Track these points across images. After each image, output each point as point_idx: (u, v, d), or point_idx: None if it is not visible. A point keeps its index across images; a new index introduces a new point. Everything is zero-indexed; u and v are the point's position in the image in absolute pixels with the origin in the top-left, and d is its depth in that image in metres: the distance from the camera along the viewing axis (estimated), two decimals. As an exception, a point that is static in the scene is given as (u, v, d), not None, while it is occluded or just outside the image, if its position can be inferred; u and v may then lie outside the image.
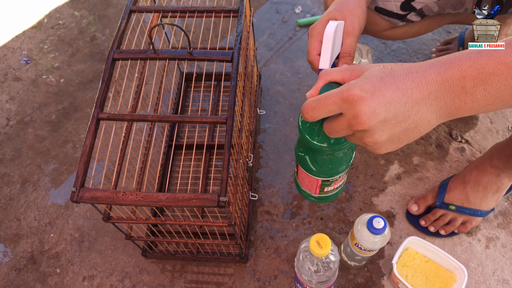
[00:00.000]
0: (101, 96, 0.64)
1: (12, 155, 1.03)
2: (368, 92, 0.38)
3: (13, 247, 0.89)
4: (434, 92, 0.38)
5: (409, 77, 0.39)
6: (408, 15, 0.78)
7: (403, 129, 0.39)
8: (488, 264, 0.81)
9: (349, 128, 0.40)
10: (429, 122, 0.40)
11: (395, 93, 0.38)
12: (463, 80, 0.37)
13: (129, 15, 0.74)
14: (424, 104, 0.38)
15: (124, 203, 0.56)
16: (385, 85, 0.38)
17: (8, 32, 1.28)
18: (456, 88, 0.38)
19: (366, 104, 0.37)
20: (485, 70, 0.37)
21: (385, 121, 0.38)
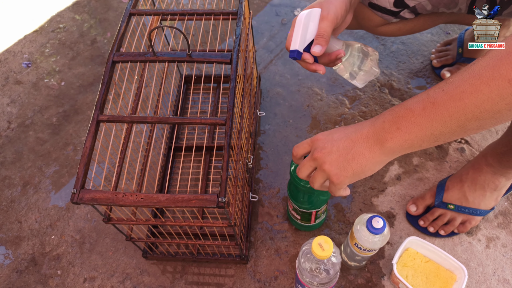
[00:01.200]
0: (101, 98, 0.64)
1: (13, 157, 1.03)
2: (324, 135, 0.57)
3: (14, 249, 0.90)
4: (364, 134, 0.53)
5: (353, 127, 0.55)
6: (401, 12, 0.79)
7: (345, 159, 0.53)
8: (489, 264, 0.81)
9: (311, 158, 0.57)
10: (365, 155, 0.52)
11: (340, 135, 0.55)
12: (383, 123, 0.51)
13: (129, 18, 0.74)
14: (358, 142, 0.53)
15: (124, 204, 0.57)
16: (337, 131, 0.56)
17: (10, 36, 1.29)
18: (379, 130, 0.51)
19: (320, 141, 0.56)
20: (397, 114, 0.50)
21: (331, 152, 0.54)
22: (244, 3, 0.76)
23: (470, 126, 0.46)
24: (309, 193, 0.71)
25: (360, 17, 0.84)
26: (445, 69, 1.05)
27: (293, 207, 0.78)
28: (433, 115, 0.47)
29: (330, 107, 1.05)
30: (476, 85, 0.43)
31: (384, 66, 1.11)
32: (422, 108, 0.48)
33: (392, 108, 0.52)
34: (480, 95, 0.43)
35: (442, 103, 0.46)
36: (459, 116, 0.45)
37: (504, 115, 0.44)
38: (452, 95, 0.45)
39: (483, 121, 0.45)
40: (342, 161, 0.53)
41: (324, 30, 0.65)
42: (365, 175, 0.54)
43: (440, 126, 0.47)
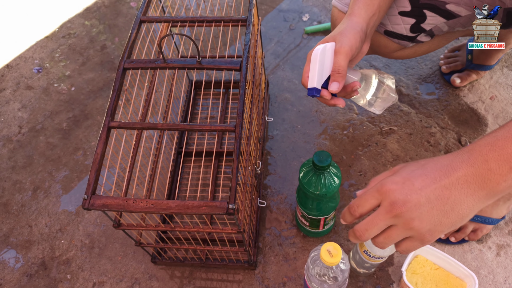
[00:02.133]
0: (111, 105, 0.65)
1: (24, 162, 1.05)
2: (399, 183, 0.43)
3: (24, 253, 0.90)
4: (462, 177, 0.42)
5: (437, 167, 0.43)
6: (418, 36, 0.79)
7: (441, 212, 0.43)
8: (499, 272, 0.80)
9: (388, 215, 0.44)
10: (467, 203, 0.42)
11: (424, 181, 0.43)
12: (487, 163, 0.41)
13: (139, 25, 0.75)
14: (454, 188, 0.42)
15: (135, 210, 0.57)
16: (415, 175, 0.44)
17: (21, 42, 1.31)
18: (482, 171, 0.41)
19: (398, 192, 0.43)
20: (504, 151, 0.41)
21: (419, 205, 0.42)
22: (253, 10, 0.77)
23: None
24: (318, 200, 0.71)
25: (375, 44, 0.84)
26: (455, 75, 1.04)
27: (301, 214, 0.78)
28: None
29: (338, 112, 1.05)
30: None
31: (393, 71, 1.11)
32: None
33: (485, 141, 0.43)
34: None
35: None
36: None
37: None
38: None
39: None
40: (437, 214, 0.43)
41: (339, 65, 0.61)
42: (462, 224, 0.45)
43: None
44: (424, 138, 0.99)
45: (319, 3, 1.31)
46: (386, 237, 0.45)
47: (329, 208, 0.73)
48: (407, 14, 0.76)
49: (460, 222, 0.44)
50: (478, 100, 1.04)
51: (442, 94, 1.06)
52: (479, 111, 1.02)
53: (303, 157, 0.99)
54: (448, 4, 0.73)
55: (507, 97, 1.03)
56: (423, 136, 0.99)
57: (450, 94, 1.05)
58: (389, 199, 0.43)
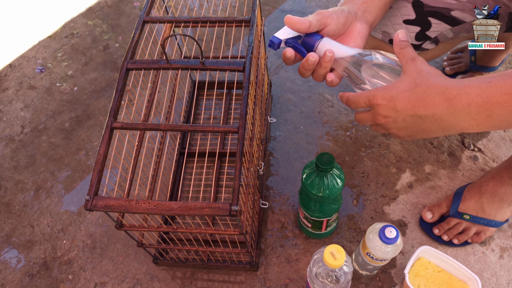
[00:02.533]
0: (114, 105, 0.65)
1: (26, 162, 1.05)
2: (385, 100, 0.50)
3: (26, 253, 0.90)
4: (438, 114, 0.46)
5: (421, 97, 0.47)
6: (423, 44, 0.78)
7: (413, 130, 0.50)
8: (503, 275, 0.80)
9: (372, 120, 0.53)
10: (436, 132, 0.49)
11: (405, 106, 0.48)
12: (469, 107, 0.43)
13: (143, 26, 0.75)
14: (428, 120, 0.47)
15: (137, 212, 0.57)
16: (401, 97, 0.48)
17: (24, 42, 1.31)
18: (460, 114, 0.44)
19: (382, 109, 0.50)
20: (490, 100, 0.42)
21: (396, 122, 0.50)
22: (257, 11, 0.76)
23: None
24: (321, 201, 0.71)
25: None
26: (459, 77, 1.04)
27: (304, 215, 0.77)
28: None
29: (341, 113, 1.05)
30: None
31: (396, 73, 1.11)
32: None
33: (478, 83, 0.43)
34: None
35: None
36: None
37: None
38: None
39: None
40: (410, 131, 0.51)
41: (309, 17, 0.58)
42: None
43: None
44: (427, 140, 0.98)
45: (322, 4, 1.31)
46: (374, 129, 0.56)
47: (331, 210, 0.73)
48: (411, 23, 0.75)
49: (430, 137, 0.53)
50: (482, 101, 1.03)
51: (445, 95, 1.05)
52: (483, 113, 1.01)
53: (305, 158, 0.98)
54: (453, 11, 0.72)
55: (511, 99, 1.03)
56: (426, 138, 0.98)
57: (454, 96, 1.05)
58: (374, 111, 0.52)
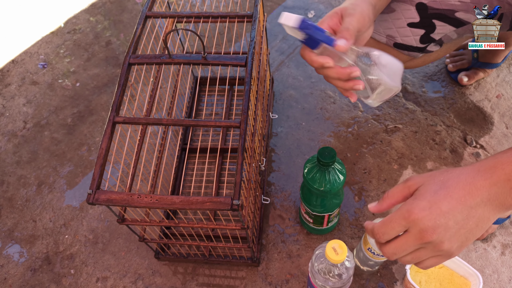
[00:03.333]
0: (117, 100, 0.65)
1: (28, 157, 1.05)
2: (426, 209, 0.43)
3: (28, 248, 0.91)
4: (485, 197, 0.43)
5: (459, 186, 0.44)
6: (427, 46, 0.78)
7: (467, 230, 0.44)
8: (504, 271, 0.80)
9: (417, 242, 0.44)
10: (489, 219, 0.44)
11: (450, 203, 0.43)
12: (509, 182, 0.42)
13: (145, 21, 0.75)
14: (479, 207, 0.43)
15: (139, 206, 0.57)
16: (440, 198, 0.44)
17: (26, 37, 1.31)
18: (505, 189, 0.43)
19: (428, 219, 0.43)
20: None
21: (448, 228, 0.43)
22: (259, 6, 0.76)
23: None
24: (322, 196, 0.71)
25: None
26: (462, 74, 1.04)
27: (305, 210, 0.77)
28: None
29: (343, 110, 1.05)
30: None
31: (398, 69, 1.11)
32: None
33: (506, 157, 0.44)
34: None
35: None
36: None
37: None
38: None
39: None
40: (464, 233, 0.44)
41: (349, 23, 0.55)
42: None
43: None
44: (430, 136, 0.98)
45: (325, 0, 1.30)
46: (414, 257, 0.46)
47: (333, 205, 0.73)
48: (416, 25, 0.75)
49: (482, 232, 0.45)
50: (484, 98, 1.03)
51: (448, 92, 1.05)
52: (485, 109, 1.01)
53: (307, 154, 0.98)
54: (457, 12, 0.72)
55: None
56: (429, 134, 0.98)
57: (456, 92, 1.05)
58: (419, 227, 0.43)
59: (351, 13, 0.57)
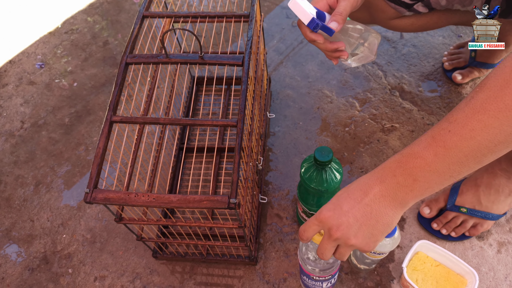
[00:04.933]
0: (114, 99, 0.65)
1: (26, 157, 1.05)
2: (331, 210, 0.50)
3: (26, 247, 0.91)
4: (377, 193, 0.48)
5: (357, 188, 0.50)
6: (415, 4, 0.79)
7: (369, 226, 0.49)
8: (500, 269, 0.80)
9: (330, 240, 0.51)
10: (387, 214, 0.49)
11: (349, 203, 0.49)
12: (395, 177, 0.47)
13: (142, 20, 0.75)
14: (374, 204, 0.48)
15: (136, 204, 0.57)
16: (342, 199, 0.50)
17: (24, 37, 1.31)
18: (392, 185, 0.48)
19: (332, 219, 0.50)
20: (407, 166, 0.47)
21: (350, 226, 0.49)
22: (256, 6, 0.77)
23: (487, 159, 0.45)
24: (319, 195, 0.71)
25: (373, 8, 0.84)
26: (457, 72, 1.04)
27: (302, 209, 0.78)
28: (448, 159, 0.45)
29: (340, 109, 1.05)
30: (484, 120, 0.42)
31: (395, 68, 1.11)
32: (434, 155, 0.45)
33: (394, 159, 0.49)
34: (491, 130, 0.42)
35: (454, 145, 0.44)
36: (475, 154, 0.44)
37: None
38: (461, 135, 0.44)
39: (499, 152, 0.44)
40: (367, 229, 0.49)
41: (343, 8, 0.64)
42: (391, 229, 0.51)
43: (458, 167, 0.45)
44: (426, 136, 0.98)
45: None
46: (339, 254, 0.53)
47: None
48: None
49: (388, 229, 0.50)
50: (480, 97, 1.03)
51: (444, 91, 1.06)
52: (481, 108, 1.02)
53: (304, 153, 0.99)
54: None
55: (510, 95, 1.03)
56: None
57: (452, 92, 1.05)
58: (327, 226, 0.50)
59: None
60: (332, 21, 0.64)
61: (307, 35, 0.67)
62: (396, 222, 0.50)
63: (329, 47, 0.69)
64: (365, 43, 0.71)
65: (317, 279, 0.67)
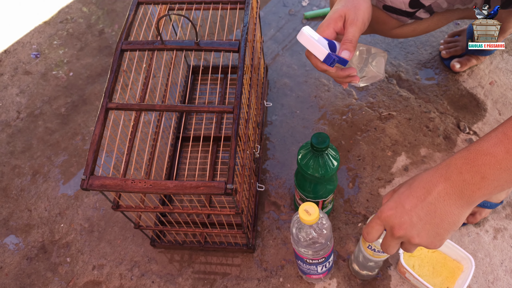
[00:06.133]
0: (109, 86, 0.65)
1: (22, 147, 1.05)
2: (393, 209, 0.50)
3: (24, 237, 0.91)
4: (442, 191, 0.47)
5: (420, 185, 0.49)
6: (417, 12, 0.78)
7: (434, 225, 0.48)
8: (496, 255, 0.81)
9: (393, 238, 0.51)
10: (453, 212, 0.47)
11: (412, 202, 0.48)
12: (461, 175, 0.46)
13: (137, 7, 0.74)
14: (438, 202, 0.47)
15: (133, 191, 0.57)
16: (404, 197, 0.49)
17: (19, 27, 1.30)
18: (458, 183, 0.46)
19: (394, 217, 0.49)
20: (476, 163, 0.45)
21: (413, 225, 0.48)
22: (252, -8, 0.76)
23: None
24: (316, 182, 0.71)
25: (374, 21, 0.83)
26: (455, 60, 1.04)
27: (300, 197, 0.78)
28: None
29: (337, 98, 1.05)
30: None
31: (392, 57, 1.11)
32: (505, 152, 0.44)
33: (460, 155, 0.47)
34: None
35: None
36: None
37: None
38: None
39: None
40: (431, 228, 0.48)
41: (353, 35, 0.64)
42: (457, 228, 0.50)
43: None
44: (423, 123, 0.99)
45: (319, -12, 1.30)
46: (405, 249, 0.53)
47: (327, 191, 0.73)
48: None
49: (455, 227, 0.48)
50: (478, 85, 1.03)
51: (441, 79, 1.06)
52: (479, 96, 1.02)
53: (301, 142, 0.99)
54: None
55: (507, 82, 1.03)
56: (422, 121, 0.99)
57: (450, 80, 1.05)
58: (389, 225, 0.50)
59: (353, 21, 0.64)
60: (343, 49, 0.64)
61: (318, 66, 0.66)
62: (462, 220, 0.49)
63: (340, 75, 0.68)
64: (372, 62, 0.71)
65: (311, 262, 0.68)
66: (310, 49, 0.64)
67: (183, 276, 0.83)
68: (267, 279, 0.82)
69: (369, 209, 0.88)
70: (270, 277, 0.82)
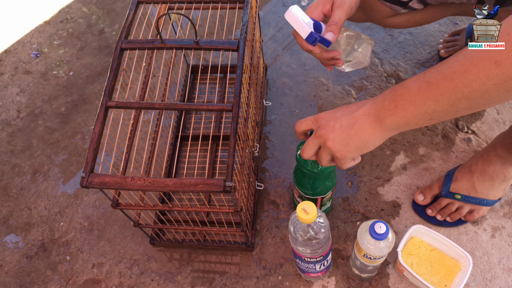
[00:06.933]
0: (109, 84, 0.65)
1: (23, 146, 1.05)
2: (327, 113, 0.59)
3: (24, 236, 0.91)
4: (366, 110, 0.55)
5: (356, 103, 0.57)
6: (410, 2, 0.78)
7: (348, 135, 0.55)
8: (494, 253, 0.81)
9: (314, 137, 0.58)
10: (366, 131, 0.54)
11: (342, 112, 0.57)
12: (383, 101, 0.53)
13: (137, 6, 0.75)
14: (359, 118, 0.55)
15: (133, 188, 0.57)
16: (339, 108, 0.59)
17: (19, 27, 1.30)
18: (379, 107, 0.54)
19: (323, 119, 0.58)
20: (396, 93, 0.52)
21: (334, 129, 0.56)
22: (251, -8, 0.76)
23: (461, 105, 0.48)
24: (315, 178, 0.71)
25: (368, 8, 0.83)
26: (452, 59, 1.04)
27: (298, 194, 0.78)
28: (426, 93, 0.49)
29: (336, 97, 1.05)
30: (466, 65, 0.46)
31: (391, 56, 1.11)
32: (417, 87, 0.50)
33: (393, 86, 0.54)
34: (469, 75, 0.46)
35: (435, 82, 0.48)
36: (450, 95, 0.48)
37: (492, 96, 0.46)
38: (444, 75, 0.48)
39: (472, 100, 0.47)
40: (345, 137, 0.55)
41: (338, 18, 0.65)
42: (367, 150, 0.56)
43: (433, 104, 0.49)
44: (422, 123, 0.99)
45: (318, -12, 1.30)
46: (319, 155, 0.59)
47: (325, 187, 0.74)
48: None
49: (363, 146, 0.55)
50: (476, 85, 1.04)
51: (440, 79, 1.06)
52: (477, 95, 1.02)
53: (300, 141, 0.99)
54: None
55: (505, 82, 1.03)
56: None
57: (448, 79, 1.05)
58: (317, 125, 0.58)
59: (340, 4, 0.66)
60: (328, 31, 0.65)
61: (304, 46, 0.68)
62: (371, 143, 0.55)
63: (325, 56, 0.70)
64: (358, 48, 0.72)
65: (309, 260, 0.68)
66: (294, 27, 0.65)
67: (182, 274, 0.84)
68: (266, 277, 0.82)
69: (367, 208, 0.88)
70: (269, 275, 0.82)
